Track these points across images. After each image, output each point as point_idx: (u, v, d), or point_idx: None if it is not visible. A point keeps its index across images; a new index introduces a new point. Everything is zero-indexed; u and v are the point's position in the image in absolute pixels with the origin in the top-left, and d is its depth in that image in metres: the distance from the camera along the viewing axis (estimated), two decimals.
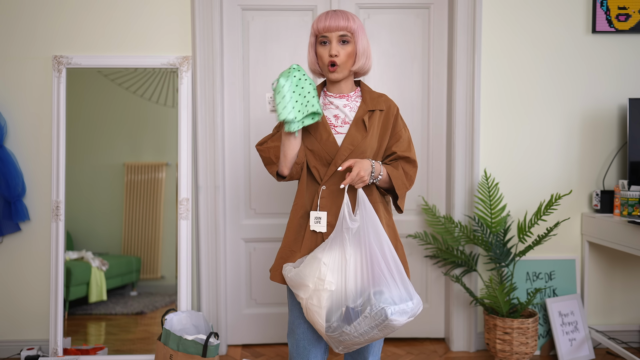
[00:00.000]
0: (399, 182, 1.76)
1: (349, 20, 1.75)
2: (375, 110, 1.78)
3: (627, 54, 2.85)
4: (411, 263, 2.99)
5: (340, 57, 1.74)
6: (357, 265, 1.60)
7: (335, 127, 1.78)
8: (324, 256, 1.62)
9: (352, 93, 1.83)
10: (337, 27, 1.73)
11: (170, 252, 2.78)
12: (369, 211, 1.64)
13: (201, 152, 2.78)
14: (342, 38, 1.74)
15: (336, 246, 1.62)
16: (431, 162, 2.97)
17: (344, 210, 1.64)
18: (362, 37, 1.77)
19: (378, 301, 1.54)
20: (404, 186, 1.78)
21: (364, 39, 1.78)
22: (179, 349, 2.30)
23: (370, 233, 1.61)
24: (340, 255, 1.61)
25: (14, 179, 2.67)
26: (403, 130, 1.82)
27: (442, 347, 2.97)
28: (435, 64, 2.94)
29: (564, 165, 2.89)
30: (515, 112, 2.86)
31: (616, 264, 2.93)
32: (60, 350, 2.66)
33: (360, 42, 1.77)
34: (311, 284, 1.60)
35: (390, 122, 1.80)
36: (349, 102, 1.81)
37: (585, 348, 2.79)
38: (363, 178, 1.66)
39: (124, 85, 2.75)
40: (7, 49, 2.73)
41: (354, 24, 1.75)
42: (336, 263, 1.61)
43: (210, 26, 2.76)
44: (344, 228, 1.62)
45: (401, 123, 1.83)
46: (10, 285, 2.78)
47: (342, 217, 1.63)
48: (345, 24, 1.74)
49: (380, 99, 1.82)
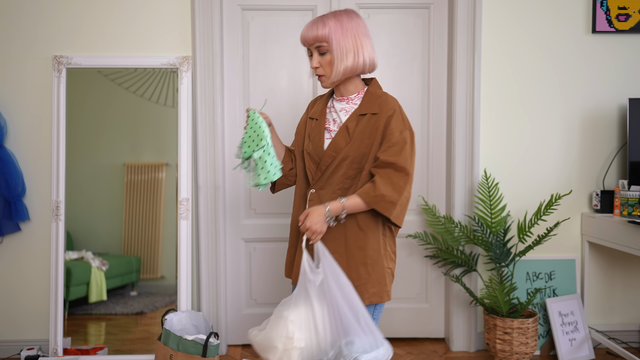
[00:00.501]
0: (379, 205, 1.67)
1: (319, 28, 1.71)
2: (367, 113, 1.73)
3: (627, 54, 2.85)
4: (411, 263, 2.99)
5: (322, 67, 1.75)
6: (324, 318, 1.58)
7: (331, 131, 1.79)
8: (290, 314, 1.60)
9: (354, 95, 1.81)
10: (308, 40, 1.74)
11: (170, 252, 2.78)
12: (329, 261, 1.62)
13: (201, 152, 2.78)
14: (319, 50, 1.74)
15: (301, 302, 1.61)
16: (431, 162, 2.97)
17: (304, 265, 1.62)
18: (340, 39, 1.71)
19: (350, 351, 1.54)
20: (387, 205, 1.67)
21: (344, 41, 1.71)
22: (179, 349, 2.30)
23: (332, 284, 1.59)
24: (306, 310, 1.59)
25: (14, 179, 2.67)
26: (397, 134, 1.70)
27: (442, 347, 2.97)
28: (435, 64, 2.94)
29: (563, 165, 2.89)
30: (515, 112, 2.86)
31: (616, 264, 2.93)
32: (60, 350, 2.66)
33: (338, 46, 1.71)
34: (280, 344, 1.57)
35: (380, 125, 1.72)
36: (348, 104, 1.80)
37: (585, 348, 2.79)
38: (317, 232, 1.65)
39: (124, 85, 2.75)
40: (7, 49, 2.73)
41: (325, 30, 1.70)
42: (303, 319, 1.59)
43: (210, 26, 2.76)
44: (307, 282, 1.61)
45: (395, 125, 1.71)
46: (10, 285, 2.79)
47: (304, 272, 1.62)
48: (315, 35, 1.71)
49: (376, 100, 1.75)
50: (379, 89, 1.81)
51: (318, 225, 1.66)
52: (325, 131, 1.80)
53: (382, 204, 1.67)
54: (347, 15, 1.75)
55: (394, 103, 1.75)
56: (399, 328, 3.03)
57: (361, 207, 1.69)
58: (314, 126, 1.82)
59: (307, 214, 1.68)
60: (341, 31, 1.71)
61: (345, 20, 1.72)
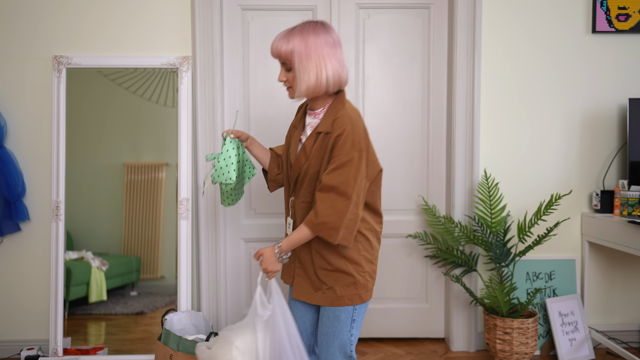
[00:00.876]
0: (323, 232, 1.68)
1: (282, 45, 1.70)
2: (322, 132, 1.73)
3: (627, 54, 2.85)
4: (411, 263, 2.99)
5: (288, 81, 1.75)
6: (266, 349, 1.72)
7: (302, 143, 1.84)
8: (237, 339, 1.75)
9: (320, 109, 1.80)
10: (274, 55, 1.75)
11: (170, 252, 2.78)
12: (280, 299, 1.74)
13: (201, 152, 2.78)
14: (285, 66, 1.74)
15: (248, 331, 1.75)
16: (431, 162, 2.97)
17: (256, 299, 1.76)
18: (303, 58, 1.68)
19: None
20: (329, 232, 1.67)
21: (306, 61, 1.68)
22: (179, 349, 2.30)
23: (279, 320, 1.72)
24: (252, 339, 1.74)
25: (14, 179, 2.67)
26: (342, 156, 1.67)
27: (442, 347, 2.97)
28: (435, 64, 2.94)
29: (564, 165, 2.89)
30: (515, 112, 2.86)
31: (616, 264, 2.93)
32: (60, 350, 2.66)
33: (300, 65, 1.68)
34: None
35: (329, 145, 1.70)
36: (314, 119, 1.81)
37: (585, 348, 2.79)
38: (272, 271, 1.77)
39: (124, 85, 2.75)
40: (7, 49, 2.74)
41: (288, 47, 1.68)
42: (247, 346, 1.74)
43: (210, 26, 2.76)
44: (256, 315, 1.75)
45: (341, 147, 1.67)
46: (10, 285, 2.78)
47: (255, 305, 1.76)
48: (278, 52, 1.71)
49: (330, 119, 1.73)
50: (340, 104, 1.76)
51: (272, 266, 1.77)
52: (300, 142, 1.84)
53: (325, 231, 1.68)
54: (314, 31, 1.70)
55: (345, 122, 1.69)
56: (399, 328, 3.03)
57: (308, 236, 1.74)
58: (293, 135, 1.87)
59: (261, 254, 1.78)
60: (305, 50, 1.68)
61: (311, 38, 1.68)
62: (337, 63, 1.72)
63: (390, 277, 3.00)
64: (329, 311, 1.79)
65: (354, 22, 2.90)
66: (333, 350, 1.78)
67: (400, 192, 2.97)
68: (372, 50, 2.92)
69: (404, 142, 2.96)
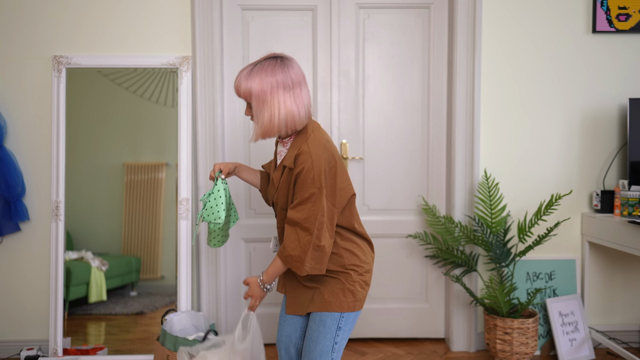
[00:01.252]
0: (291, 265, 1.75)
1: (241, 86, 1.72)
2: (286, 167, 1.76)
3: (627, 53, 2.85)
4: (411, 263, 2.99)
5: (253, 117, 1.77)
6: None
7: None
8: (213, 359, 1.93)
9: (287, 139, 1.82)
10: (236, 92, 1.77)
11: (170, 252, 2.78)
12: (257, 336, 1.88)
13: (201, 152, 2.78)
14: (248, 105, 1.78)
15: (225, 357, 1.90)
16: (431, 162, 2.97)
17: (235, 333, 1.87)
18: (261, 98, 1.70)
19: None
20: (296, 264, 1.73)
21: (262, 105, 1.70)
22: (175, 349, 2.30)
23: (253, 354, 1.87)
24: None
25: (14, 179, 2.67)
26: (303, 193, 1.70)
27: (442, 347, 2.96)
28: (435, 64, 2.94)
29: (564, 165, 2.89)
30: (515, 112, 2.86)
31: (616, 264, 2.93)
32: (60, 351, 2.66)
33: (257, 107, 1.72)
34: None
35: (292, 181, 1.74)
36: (284, 149, 1.84)
37: (586, 348, 2.79)
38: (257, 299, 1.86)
39: (124, 85, 2.75)
40: (7, 49, 2.73)
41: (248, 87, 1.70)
42: None
43: (210, 26, 2.76)
44: (233, 348, 1.87)
45: (303, 184, 1.70)
46: (10, 285, 2.78)
47: (234, 339, 1.87)
48: (237, 90, 1.74)
49: (293, 154, 1.74)
50: (303, 137, 1.76)
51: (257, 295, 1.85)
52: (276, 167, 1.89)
53: (292, 263, 1.74)
54: (272, 71, 1.71)
55: (305, 159, 1.70)
56: (399, 328, 3.02)
57: (281, 267, 1.80)
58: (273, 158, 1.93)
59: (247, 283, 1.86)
60: (260, 92, 1.70)
61: (267, 79, 1.70)
62: (292, 103, 1.72)
63: (390, 277, 2.99)
64: (315, 316, 1.79)
65: (354, 22, 2.90)
66: (314, 356, 1.76)
67: (400, 192, 2.97)
68: (372, 50, 2.92)
69: (404, 142, 2.96)
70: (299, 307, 1.85)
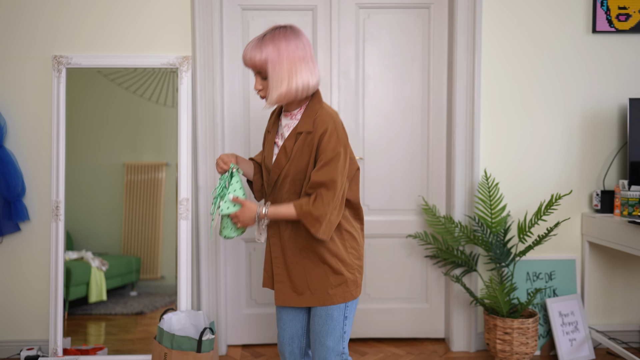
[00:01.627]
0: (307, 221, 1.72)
1: (255, 55, 1.71)
2: (303, 132, 1.76)
3: (627, 54, 2.85)
4: (411, 263, 2.99)
5: (264, 90, 1.76)
6: None
7: (279, 146, 1.85)
8: None
9: (296, 110, 1.82)
10: (247, 64, 1.76)
11: (170, 252, 2.78)
12: None
13: (201, 152, 2.78)
14: (260, 74, 1.75)
15: None
16: (431, 162, 2.97)
17: None
18: (276, 66, 1.70)
19: None
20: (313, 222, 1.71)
21: (279, 68, 1.70)
22: (172, 346, 2.31)
23: None
24: None
25: (14, 179, 2.67)
26: (328, 152, 1.72)
27: (442, 347, 2.96)
28: (435, 64, 2.94)
29: (564, 165, 2.89)
30: (515, 112, 2.86)
31: (616, 264, 2.93)
32: (60, 351, 2.66)
33: (273, 73, 1.71)
34: None
35: (314, 144, 1.74)
36: (291, 120, 1.83)
37: (586, 348, 2.79)
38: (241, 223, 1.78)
39: (124, 85, 2.75)
40: (7, 49, 2.73)
41: (262, 56, 1.70)
42: None
43: (210, 26, 2.76)
44: None
45: (326, 144, 1.72)
46: (10, 285, 2.78)
47: None
48: (251, 61, 1.72)
49: (310, 119, 1.76)
50: (318, 104, 1.79)
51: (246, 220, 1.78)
52: (275, 146, 1.86)
53: (309, 219, 1.71)
54: (285, 37, 1.72)
55: (327, 120, 1.74)
56: (399, 328, 3.02)
57: (292, 216, 1.75)
58: (268, 139, 1.89)
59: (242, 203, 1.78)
60: (277, 58, 1.70)
61: (282, 45, 1.71)
62: (307, 70, 1.74)
63: (390, 277, 3.00)
64: (321, 310, 1.79)
65: (354, 22, 2.90)
66: (326, 349, 1.79)
67: (400, 192, 2.97)
68: (372, 50, 2.92)
69: (404, 142, 2.96)
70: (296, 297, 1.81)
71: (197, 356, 2.29)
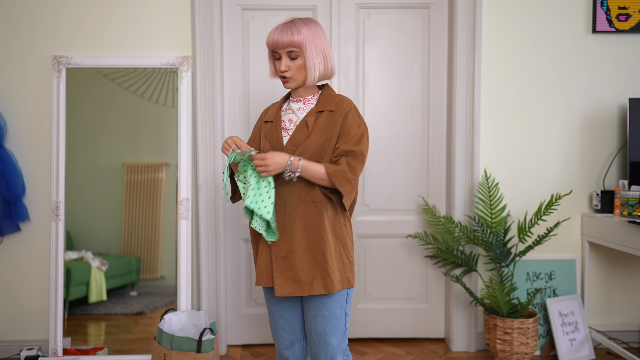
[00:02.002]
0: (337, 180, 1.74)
1: (294, 34, 1.78)
2: (324, 110, 1.83)
3: (627, 54, 2.85)
4: (411, 263, 2.99)
5: (290, 71, 1.82)
6: None
7: (287, 130, 1.87)
8: None
9: (310, 96, 1.90)
10: (282, 44, 1.79)
11: (170, 252, 2.78)
12: None
13: (201, 152, 2.78)
14: (290, 54, 1.80)
15: None
16: (431, 162, 2.97)
17: None
18: (312, 48, 1.79)
19: None
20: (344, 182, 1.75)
21: (316, 49, 1.80)
22: (172, 347, 2.31)
23: None
24: None
25: (14, 179, 2.67)
26: (354, 127, 1.81)
27: (442, 347, 2.96)
28: (435, 64, 2.94)
29: (564, 165, 2.89)
30: (515, 112, 2.86)
31: (616, 264, 2.93)
32: (60, 351, 2.66)
33: (310, 54, 1.79)
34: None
35: (339, 121, 1.82)
36: (305, 105, 1.89)
37: (586, 348, 2.79)
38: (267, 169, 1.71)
39: (123, 85, 2.75)
40: (7, 49, 2.73)
41: (300, 37, 1.78)
42: None
43: (210, 26, 2.76)
44: None
45: (352, 121, 1.82)
46: (10, 285, 2.78)
47: None
48: (289, 40, 1.78)
49: (332, 100, 1.86)
50: (333, 91, 1.92)
51: (274, 166, 1.72)
52: (282, 130, 1.88)
53: (340, 179, 1.75)
54: (314, 24, 1.83)
55: (349, 102, 1.86)
56: (399, 328, 3.02)
57: (321, 175, 1.75)
58: (269, 128, 1.91)
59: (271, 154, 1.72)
60: (313, 39, 1.80)
61: (313, 29, 1.81)
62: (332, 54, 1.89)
63: (390, 277, 2.99)
64: (324, 310, 1.79)
65: (354, 22, 2.90)
66: (331, 348, 1.80)
67: (400, 192, 2.97)
68: (372, 50, 2.92)
69: (404, 142, 2.96)
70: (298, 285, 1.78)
71: (196, 356, 2.29)
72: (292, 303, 1.88)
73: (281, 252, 1.80)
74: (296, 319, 1.89)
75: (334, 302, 1.80)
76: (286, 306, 1.88)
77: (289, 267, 1.79)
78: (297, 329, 1.90)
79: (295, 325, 1.89)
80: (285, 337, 1.89)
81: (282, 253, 1.79)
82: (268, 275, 1.83)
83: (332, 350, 1.80)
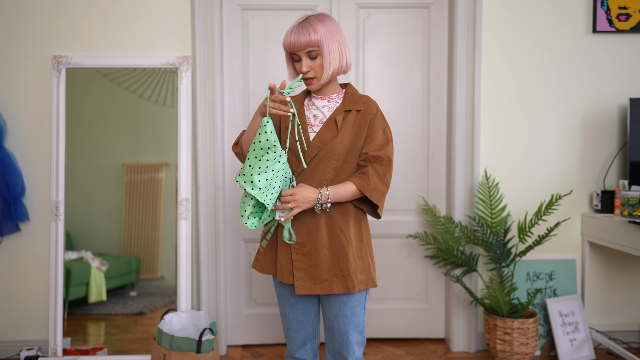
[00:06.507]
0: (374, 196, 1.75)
1: (311, 34, 1.74)
2: (352, 110, 1.81)
3: (627, 53, 2.85)
4: (411, 263, 2.99)
5: (313, 71, 1.79)
6: None
7: (312, 126, 1.84)
8: None
9: (334, 95, 1.87)
10: (300, 45, 1.76)
11: (170, 252, 2.77)
12: None
13: (201, 152, 2.78)
14: (310, 54, 1.77)
15: None
16: (431, 162, 2.97)
17: None
18: (330, 44, 1.76)
19: None
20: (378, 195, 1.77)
21: (332, 45, 1.76)
22: (172, 347, 2.31)
23: None
24: None
25: (14, 179, 2.67)
26: (380, 131, 1.81)
27: (442, 347, 2.96)
28: (435, 64, 2.94)
29: (564, 165, 2.89)
30: (515, 112, 2.86)
31: (616, 264, 2.92)
32: (60, 351, 2.66)
33: (328, 52, 1.76)
34: None
35: (366, 122, 1.80)
36: (330, 103, 1.86)
37: (586, 348, 2.78)
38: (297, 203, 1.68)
39: (123, 85, 2.75)
40: (7, 49, 2.73)
41: (317, 35, 1.74)
42: None
43: (210, 26, 2.76)
44: None
45: (379, 123, 1.81)
46: (10, 286, 2.78)
47: None
48: (307, 40, 1.74)
49: (360, 100, 1.84)
50: (357, 91, 1.90)
51: (303, 203, 1.70)
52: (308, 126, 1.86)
53: (375, 194, 1.76)
54: (329, 19, 1.80)
55: (375, 104, 1.85)
56: (399, 328, 3.02)
57: (352, 194, 1.76)
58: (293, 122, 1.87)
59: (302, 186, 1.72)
60: (330, 36, 1.77)
61: (329, 24, 1.78)
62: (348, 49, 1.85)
63: (390, 277, 2.99)
64: (345, 310, 1.80)
65: (354, 22, 2.89)
66: (352, 344, 1.83)
67: (400, 192, 2.97)
68: (372, 50, 2.92)
69: (404, 142, 2.96)
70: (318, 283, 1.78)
71: (196, 357, 2.29)
72: (306, 304, 1.87)
73: (303, 249, 1.79)
74: (309, 320, 1.89)
75: (355, 301, 1.81)
76: (300, 308, 1.87)
77: (311, 264, 1.78)
78: (309, 330, 1.90)
79: (308, 326, 1.89)
80: (298, 337, 1.89)
81: (304, 250, 1.79)
82: (289, 272, 1.81)
83: (353, 345, 1.83)
